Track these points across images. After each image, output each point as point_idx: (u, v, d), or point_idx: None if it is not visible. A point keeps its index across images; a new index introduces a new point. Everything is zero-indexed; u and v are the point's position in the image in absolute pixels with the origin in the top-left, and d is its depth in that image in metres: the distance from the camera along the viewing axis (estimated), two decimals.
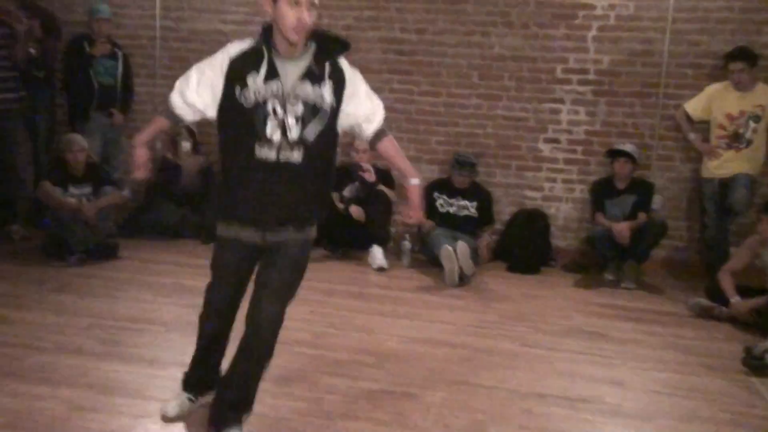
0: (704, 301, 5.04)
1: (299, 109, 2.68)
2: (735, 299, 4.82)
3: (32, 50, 5.95)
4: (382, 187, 6.13)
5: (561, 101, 6.30)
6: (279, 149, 2.68)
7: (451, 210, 6.09)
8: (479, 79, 6.41)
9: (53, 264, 5.34)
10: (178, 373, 3.52)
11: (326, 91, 2.72)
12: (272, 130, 2.66)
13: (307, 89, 2.69)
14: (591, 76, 6.23)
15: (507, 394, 3.56)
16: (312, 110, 2.70)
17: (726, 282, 4.95)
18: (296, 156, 2.69)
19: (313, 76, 2.70)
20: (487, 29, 6.32)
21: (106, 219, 5.64)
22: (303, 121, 2.68)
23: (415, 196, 2.92)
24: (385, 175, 6.24)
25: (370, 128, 2.91)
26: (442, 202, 6.10)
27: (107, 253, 5.59)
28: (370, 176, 6.05)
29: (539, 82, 6.31)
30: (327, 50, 2.75)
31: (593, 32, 6.18)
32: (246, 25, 6.63)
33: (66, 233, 5.38)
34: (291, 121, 2.67)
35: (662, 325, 4.80)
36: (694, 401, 3.60)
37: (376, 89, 2.98)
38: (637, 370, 3.97)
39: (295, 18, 2.58)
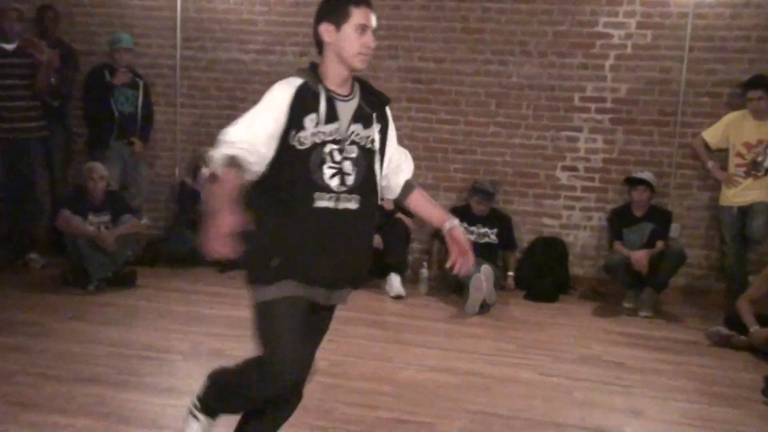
0: (723, 330, 5.00)
1: (354, 152, 2.47)
2: (754, 328, 4.77)
3: (53, 80, 6.05)
4: (399, 215, 6.15)
5: (579, 129, 6.31)
6: (338, 197, 2.43)
7: (472, 238, 6.07)
8: (497, 107, 6.44)
9: (72, 292, 5.39)
10: None
11: (375, 133, 2.54)
12: (330, 177, 2.42)
13: (360, 131, 2.50)
14: (608, 105, 6.24)
15: (524, 423, 3.54)
16: (365, 154, 2.50)
17: (745, 310, 4.90)
18: (353, 204, 2.46)
19: (364, 117, 2.52)
20: (505, 58, 6.35)
21: (124, 247, 5.70)
22: (358, 165, 2.47)
23: (461, 238, 2.65)
24: None
25: (400, 179, 2.69)
26: (462, 230, 6.07)
27: (125, 281, 5.63)
28: (388, 204, 6.06)
29: (557, 110, 6.32)
30: (373, 93, 2.58)
31: (611, 61, 6.20)
32: (266, 54, 6.72)
33: (85, 261, 5.43)
34: (348, 166, 2.45)
35: (681, 354, 4.76)
36: (713, 431, 3.56)
37: (396, 117, 2.93)
38: (656, 400, 3.93)
39: (360, 44, 2.44)
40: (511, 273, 6.21)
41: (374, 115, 2.55)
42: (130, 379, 3.83)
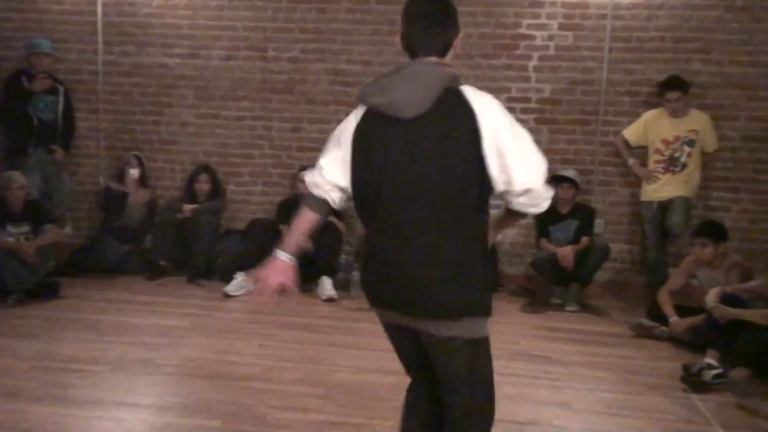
0: (645, 321, 5.16)
1: None
2: (673, 319, 4.94)
3: None
4: (331, 218, 6.13)
5: None
6: None
7: None
8: None
9: None
10: (121, 414, 3.48)
11: None
12: None
13: None
14: (533, 105, 6.36)
15: None
16: None
17: (665, 302, 5.07)
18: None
19: None
20: None
21: (46, 257, 5.54)
22: None
23: None
24: None
25: None
26: None
27: (48, 292, 5.47)
28: None
29: None
30: None
31: (534, 62, 6.33)
32: (191, 58, 6.62)
33: (4, 274, 5.24)
34: None
35: (606, 347, 4.89)
36: (637, 420, 3.67)
37: (324, 120, 2.93)
38: (583, 392, 4.03)
39: None
40: None
41: None
42: (53, 392, 3.72)
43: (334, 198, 2.42)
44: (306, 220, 2.47)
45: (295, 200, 6.28)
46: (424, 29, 2.33)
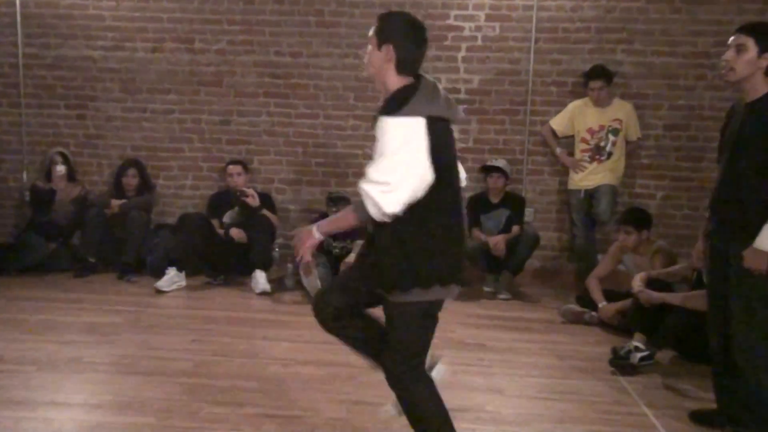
0: (575, 307, 5.29)
1: None
2: (602, 304, 5.08)
3: None
4: (264, 211, 6.09)
5: None
6: None
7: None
8: (355, 100, 6.50)
9: None
10: (50, 414, 3.40)
11: None
12: None
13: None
14: (462, 96, 6.43)
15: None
16: None
17: (594, 287, 5.20)
18: None
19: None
20: (360, 51, 6.42)
21: None
22: None
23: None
24: (266, 199, 6.20)
25: None
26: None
27: None
28: (254, 200, 5.99)
29: None
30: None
31: (462, 53, 6.40)
32: (116, 50, 6.48)
33: None
34: None
35: (537, 333, 4.99)
36: (568, 403, 3.76)
37: (254, 113, 2.97)
38: (515, 377, 4.11)
39: None
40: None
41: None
42: None
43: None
44: (350, 222, 2.72)
45: (225, 194, 6.24)
46: (422, 55, 2.72)
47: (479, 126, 6.45)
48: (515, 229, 5.98)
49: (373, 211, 2.56)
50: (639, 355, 4.20)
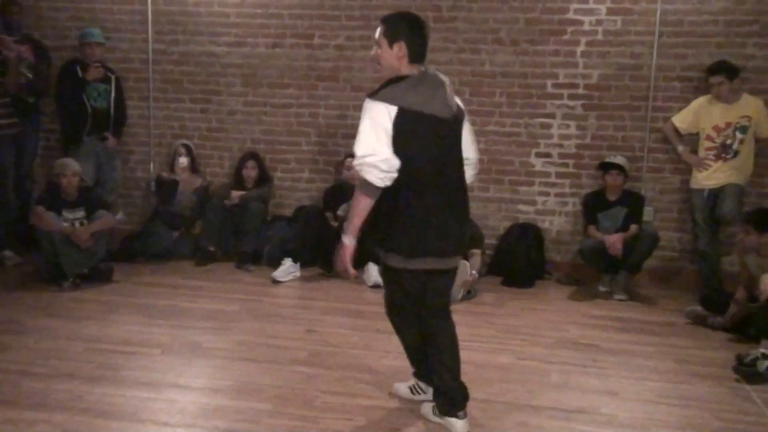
0: (700, 309, 5.08)
1: None
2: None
3: (30, 75, 6.00)
4: None
5: (552, 116, 6.35)
6: None
7: None
8: (471, 95, 6.46)
9: (47, 289, 5.35)
10: (173, 395, 3.56)
11: None
12: None
13: None
14: (581, 91, 6.28)
15: (502, 407, 3.58)
16: None
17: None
18: None
19: None
20: (477, 46, 6.38)
21: (99, 243, 5.65)
22: None
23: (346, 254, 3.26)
24: None
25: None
26: None
27: (101, 277, 5.60)
28: None
29: (530, 97, 6.36)
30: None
31: (582, 47, 6.24)
32: (238, 46, 6.68)
33: (60, 258, 5.39)
34: None
35: (655, 335, 4.83)
36: (688, 410, 3.62)
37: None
38: (631, 380, 4.00)
39: None
40: (474, 272, 5.61)
41: None
42: (107, 373, 3.82)
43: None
44: (368, 207, 3.08)
45: (340, 187, 6.33)
46: (427, 44, 3.19)
47: (597, 122, 6.29)
48: (633, 228, 5.80)
49: (372, 179, 2.97)
50: (767, 363, 3.99)
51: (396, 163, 2.97)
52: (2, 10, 6.14)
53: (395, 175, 2.99)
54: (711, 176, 5.77)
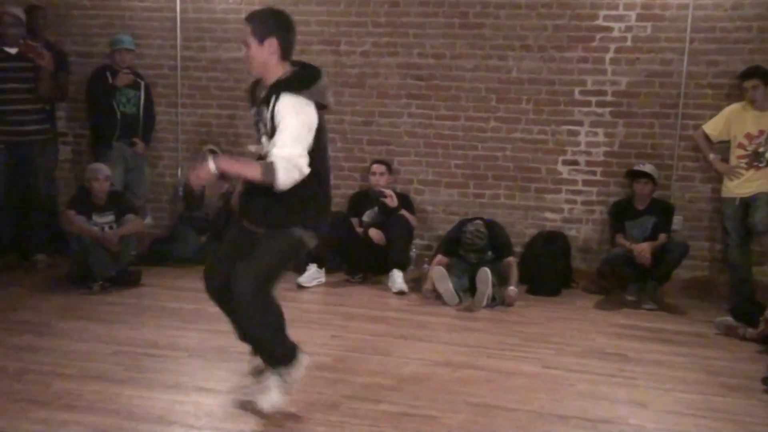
0: (730, 320, 5.01)
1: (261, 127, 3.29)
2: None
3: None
4: (403, 212, 6.16)
5: (579, 123, 6.31)
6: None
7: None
8: (497, 102, 6.44)
9: (77, 292, 5.41)
10: (200, 399, 3.57)
11: (268, 115, 3.16)
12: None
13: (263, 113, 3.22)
14: (609, 98, 6.24)
15: (528, 416, 3.55)
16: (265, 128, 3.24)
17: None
18: None
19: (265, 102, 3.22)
20: (504, 53, 6.36)
21: (128, 247, 5.72)
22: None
23: None
24: (405, 200, 6.27)
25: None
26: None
27: (130, 280, 5.65)
28: (392, 201, 6.07)
29: (557, 104, 6.33)
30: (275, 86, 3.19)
31: (611, 54, 6.20)
32: None
33: (89, 261, 5.45)
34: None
35: (684, 346, 4.77)
36: (717, 422, 3.57)
37: (396, 114, 3.10)
38: (660, 391, 3.95)
39: None
40: (513, 287, 5.61)
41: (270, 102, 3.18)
42: (136, 376, 3.85)
43: None
44: (251, 175, 3.22)
45: (365, 193, 6.35)
46: (295, 38, 3.30)
47: (626, 129, 6.24)
48: (662, 237, 5.74)
49: (286, 180, 3.06)
50: None
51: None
52: (27, 16, 6.10)
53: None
54: (743, 185, 5.69)
